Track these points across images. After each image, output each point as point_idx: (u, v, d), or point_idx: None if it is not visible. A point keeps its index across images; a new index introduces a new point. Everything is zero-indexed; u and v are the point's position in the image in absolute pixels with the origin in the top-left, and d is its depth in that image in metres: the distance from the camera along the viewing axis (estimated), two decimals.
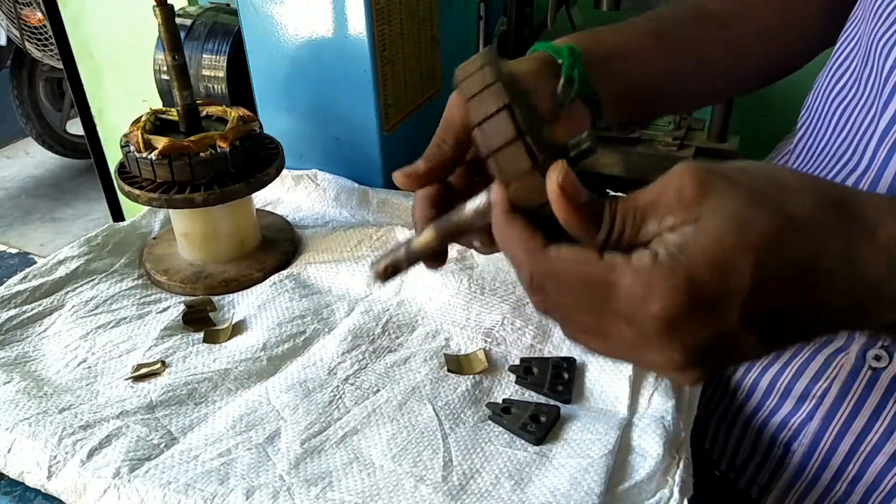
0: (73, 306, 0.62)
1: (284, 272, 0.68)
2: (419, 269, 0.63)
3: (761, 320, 0.29)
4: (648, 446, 0.46)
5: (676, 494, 0.43)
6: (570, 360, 0.54)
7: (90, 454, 0.47)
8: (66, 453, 0.47)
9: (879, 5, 0.48)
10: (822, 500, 0.52)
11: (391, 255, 0.41)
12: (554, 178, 0.31)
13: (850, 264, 0.29)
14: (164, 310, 0.63)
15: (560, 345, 0.57)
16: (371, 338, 0.59)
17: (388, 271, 0.41)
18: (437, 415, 0.50)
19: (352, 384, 0.54)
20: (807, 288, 0.29)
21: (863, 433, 0.49)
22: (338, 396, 0.53)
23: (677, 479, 0.44)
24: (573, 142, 0.34)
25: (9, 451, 0.48)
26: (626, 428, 0.48)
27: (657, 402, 0.49)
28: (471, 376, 0.54)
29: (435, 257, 0.42)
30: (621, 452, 0.46)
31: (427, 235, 0.39)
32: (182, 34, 0.78)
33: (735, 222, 0.28)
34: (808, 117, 0.57)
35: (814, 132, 0.55)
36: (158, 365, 0.56)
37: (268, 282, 0.66)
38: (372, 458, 0.47)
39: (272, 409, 0.52)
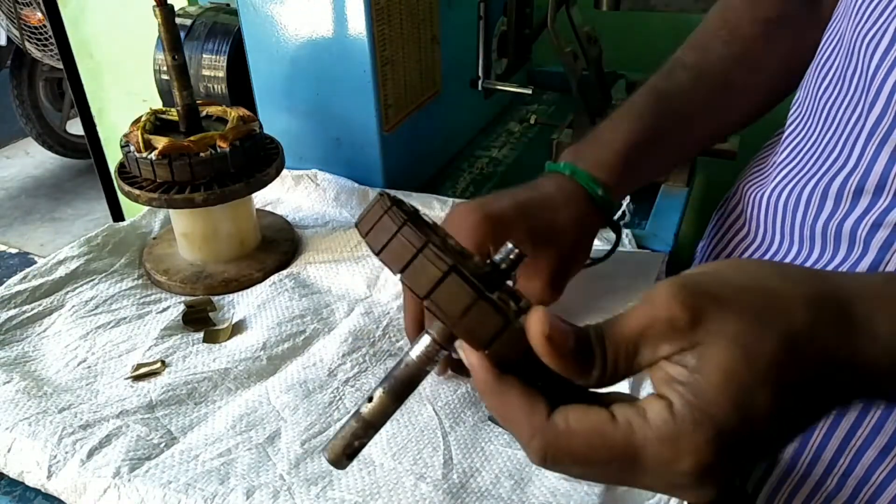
0: (73, 306, 0.62)
1: (284, 272, 0.68)
2: None
3: (787, 435, 0.30)
4: None
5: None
6: None
7: (90, 454, 0.47)
8: (66, 453, 0.47)
9: (861, 2, 0.48)
10: (813, 493, 0.52)
11: (343, 433, 0.37)
12: (538, 329, 0.29)
13: (856, 369, 0.29)
14: (164, 310, 0.63)
15: None
16: (371, 340, 0.58)
17: (349, 451, 0.37)
18: (437, 414, 0.50)
19: (352, 386, 0.54)
20: (819, 392, 0.29)
21: (853, 427, 0.49)
22: (338, 398, 0.53)
23: None
24: (500, 257, 0.33)
25: (9, 451, 0.48)
26: None
27: None
28: (471, 378, 0.54)
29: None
30: None
31: (379, 400, 0.36)
32: (182, 34, 0.78)
33: (742, 355, 0.27)
34: (797, 114, 0.57)
35: (802, 129, 0.56)
36: (158, 364, 0.56)
37: (268, 282, 0.66)
38: (372, 456, 0.47)
39: (272, 410, 0.52)
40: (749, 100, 0.64)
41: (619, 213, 0.77)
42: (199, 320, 0.62)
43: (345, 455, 0.37)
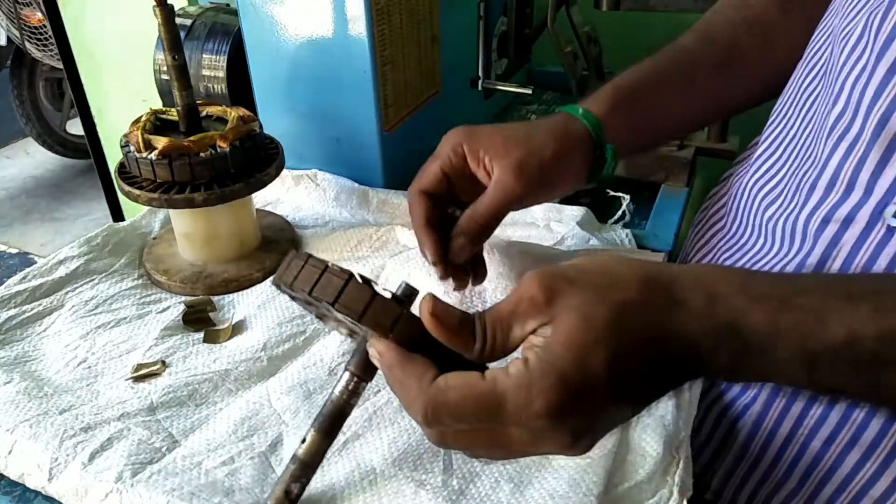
0: (73, 306, 0.62)
1: None
2: (420, 275, 0.63)
3: (628, 392, 0.35)
4: (648, 446, 0.46)
5: (676, 495, 0.43)
6: None
7: (91, 457, 0.47)
8: (68, 455, 0.47)
9: None
10: (763, 481, 0.53)
11: (283, 478, 0.42)
12: (427, 308, 0.36)
13: (678, 334, 0.35)
14: (165, 310, 0.63)
15: None
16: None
17: (291, 496, 0.42)
18: None
19: None
20: (652, 362, 0.35)
21: (800, 418, 0.50)
22: None
23: (677, 479, 0.44)
24: (400, 291, 0.40)
25: (9, 453, 0.48)
26: (627, 428, 0.48)
27: (657, 403, 0.49)
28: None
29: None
30: (621, 452, 0.46)
31: (312, 440, 0.42)
32: (182, 34, 0.78)
33: (582, 319, 0.34)
34: (782, 105, 0.57)
35: (783, 121, 0.56)
36: (159, 365, 0.56)
37: (268, 282, 0.66)
38: (373, 464, 0.47)
39: (273, 413, 0.51)
40: (757, 72, 0.62)
41: (620, 213, 0.77)
42: (200, 320, 0.62)
43: (288, 500, 0.42)
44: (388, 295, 0.39)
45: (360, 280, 0.37)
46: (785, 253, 0.51)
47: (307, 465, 0.42)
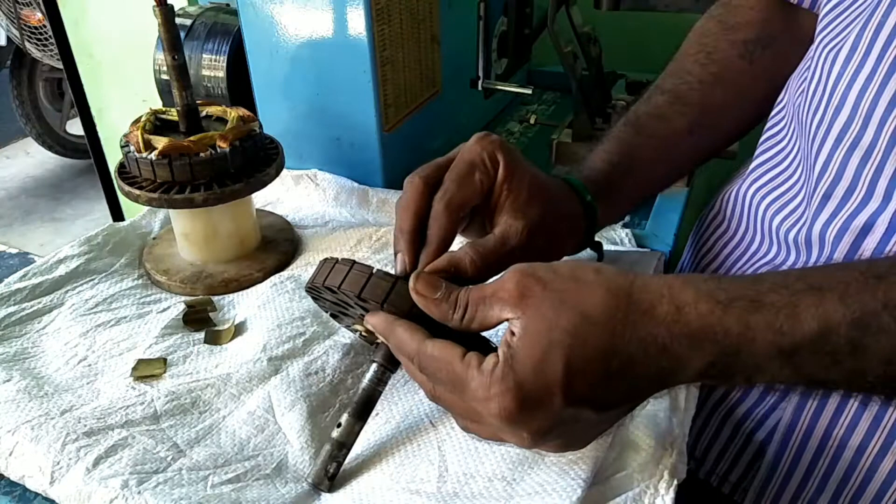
0: (73, 304, 0.62)
1: (285, 273, 0.68)
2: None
3: (585, 398, 0.36)
4: (642, 441, 0.46)
5: (666, 476, 0.44)
6: None
7: (96, 462, 0.46)
8: (70, 459, 0.47)
9: (825, 15, 0.51)
10: (797, 496, 0.53)
11: (321, 458, 0.46)
12: (413, 278, 0.41)
13: (641, 342, 0.36)
14: (165, 310, 0.63)
15: None
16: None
17: (329, 474, 0.46)
18: (433, 424, 0.50)
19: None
20: (611, 367, 0.36)
21: (830, 428, 0.50)
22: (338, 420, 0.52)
23: (669, 465, 0.45)
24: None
25: (10, 455, 0.48)
26: (621, 427, 0.48)
27: (651, 403, 0.49)
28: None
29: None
30: (614, 448, 0.46)
31: (347, 424, 0.46)
32: (182, 34, 0.78)
33: (544, 324, 0.36)
34: (776, 120, 0.58)
35: (781, 132, 0.56)
36: (160, 364, 0.56)
37: (268, 282, 0.66)
38: (371, 481, 0.47)
39: (278, 430, 0.51)
40: (735, 120, 0.64)
41: None
42: (200, 320, 0.62)
43: (326, 477, 0.46)
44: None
45: (400, 280, 0.43)
46: (804, 261, 0.51)
47: (343, 445, 0.46)
